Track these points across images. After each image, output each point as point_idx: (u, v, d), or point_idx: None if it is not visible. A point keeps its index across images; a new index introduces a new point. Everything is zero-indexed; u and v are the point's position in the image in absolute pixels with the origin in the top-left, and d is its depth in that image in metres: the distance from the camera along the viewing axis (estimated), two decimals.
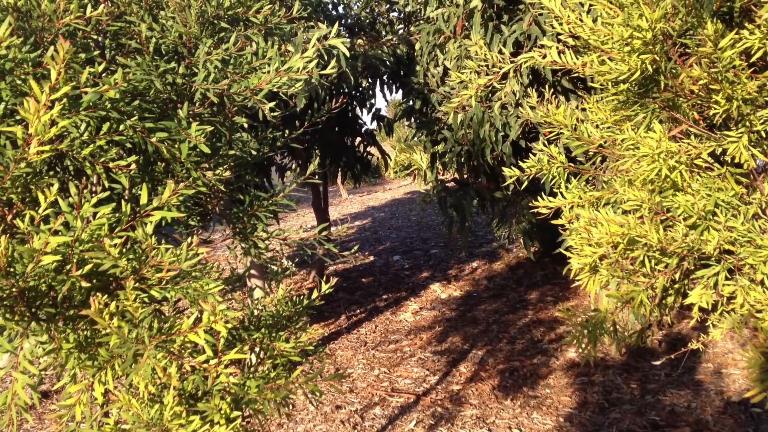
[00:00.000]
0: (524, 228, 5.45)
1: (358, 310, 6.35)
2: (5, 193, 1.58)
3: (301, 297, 2.21)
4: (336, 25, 2.22)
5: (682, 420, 3.76)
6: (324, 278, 3.44)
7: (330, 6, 5.51)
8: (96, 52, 1.84)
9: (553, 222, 1.97)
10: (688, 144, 1.67)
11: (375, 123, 6.31)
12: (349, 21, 5.70)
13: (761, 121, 1.58)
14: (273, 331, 2.02)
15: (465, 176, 5.17)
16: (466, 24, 4.53)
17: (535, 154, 2.09)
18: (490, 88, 2.14)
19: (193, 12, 1.91)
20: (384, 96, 8.11)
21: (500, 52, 2.15)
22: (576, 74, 1.84)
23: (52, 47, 1.53)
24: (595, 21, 1.70)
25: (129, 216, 1.53)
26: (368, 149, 6.48)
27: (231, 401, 1.71)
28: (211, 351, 1.64)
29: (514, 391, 4.38)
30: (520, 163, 2.12)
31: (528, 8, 4.22)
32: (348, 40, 5.36)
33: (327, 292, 2.27)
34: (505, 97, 4.31)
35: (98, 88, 1.57)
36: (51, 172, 1.78)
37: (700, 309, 1.59)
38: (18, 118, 1.60)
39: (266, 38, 2.10)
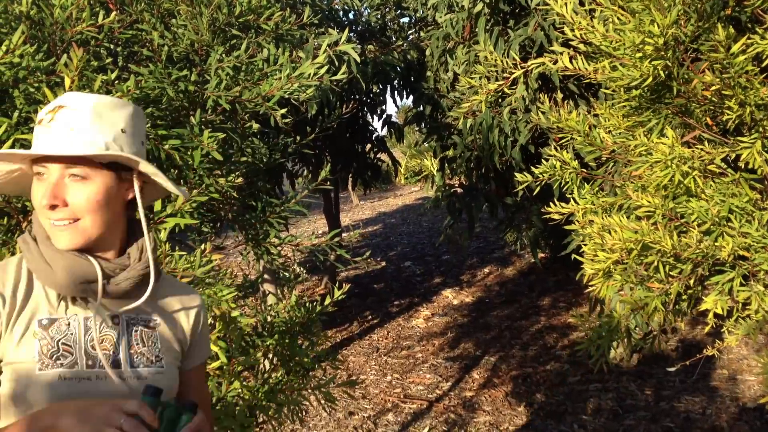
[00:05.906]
0: (533, 234, 5.42)
1: (370, 316, 6.35)
2: (20, 201, 1.59)
3: (314, 303, 2.21)
4: (346, 31, 2.22)
5: (697, 427, 3.73)
6: (336, 284, 3.44)
7: (341, 13, 5.52)
8: (108, 60, 1.86)
9: (566, 227, 1.96)
10: (701, 150, 1.67)
11: (386, 129, 6.31)
12: (360, 27, 5.70)
13: None
14: (286, 337, 2.03)
15: (474, 181, 5.16)
16: (474, 29, 4.52)
17: (547, 160, 2.08)
18: (500, 93, 2.14)
19: (204, 20, 1.92)
20: (395, 102, 8.12)
21: (507, 55, 2.15)
22: (588, 80, 1.83)
23: (65, 55, 1.55)
24: (605, 26, 1.69)
25: None
26: (379, 155, 6.48)
27: (245, 407, 1.72)
28: (224, 357, 1.64)
29: (527, 397, 4.36)
30: (533, 169, 2.11)
31: (534, 13, 4.20)
32: (359, 46, 5.37)
33: (339, 298, 2.27)
34: (514, 102, 4.31)
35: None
36: None
37: (715, 315, 1.58)
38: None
39: (277, 45, 2.11)
